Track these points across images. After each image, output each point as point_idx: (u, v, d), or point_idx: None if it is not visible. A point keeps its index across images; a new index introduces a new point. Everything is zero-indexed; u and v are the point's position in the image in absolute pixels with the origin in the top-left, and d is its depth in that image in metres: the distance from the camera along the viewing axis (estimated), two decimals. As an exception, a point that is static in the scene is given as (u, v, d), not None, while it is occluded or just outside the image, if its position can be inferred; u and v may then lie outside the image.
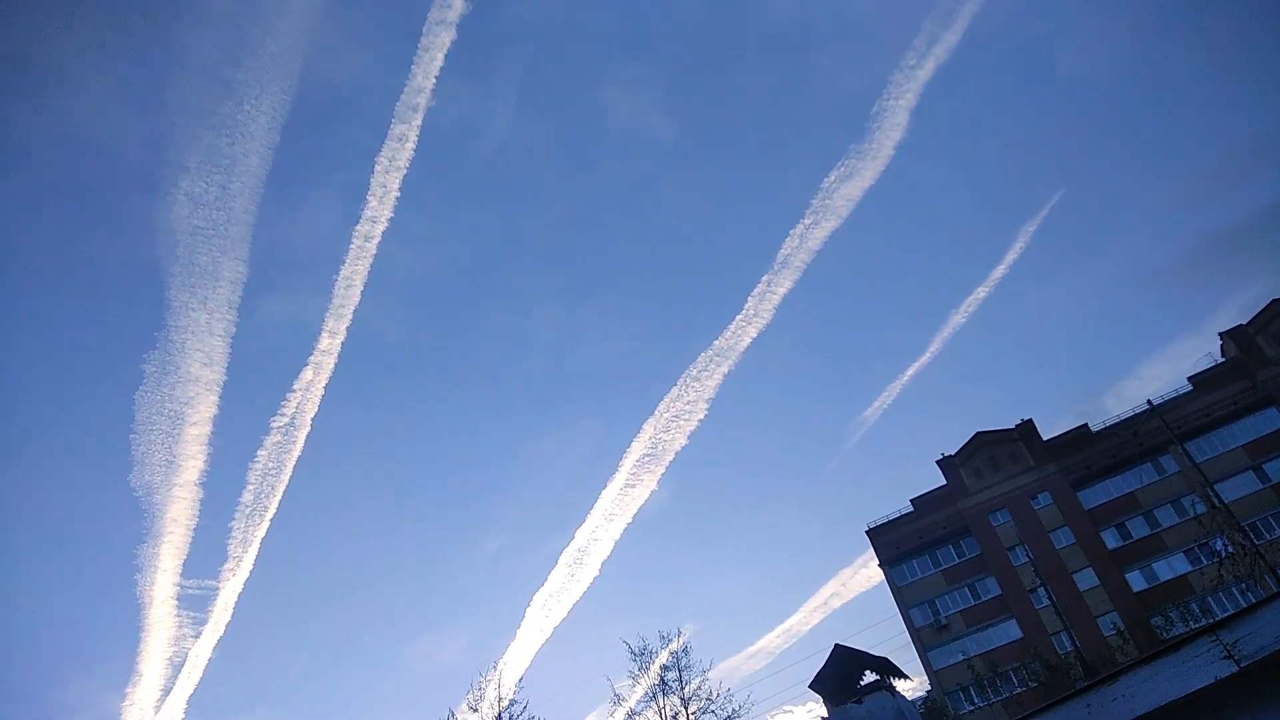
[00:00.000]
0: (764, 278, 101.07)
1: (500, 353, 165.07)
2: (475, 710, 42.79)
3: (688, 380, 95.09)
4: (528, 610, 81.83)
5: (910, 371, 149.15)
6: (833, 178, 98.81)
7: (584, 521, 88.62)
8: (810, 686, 21.99)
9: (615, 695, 43.91)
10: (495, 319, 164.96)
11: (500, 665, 45.63)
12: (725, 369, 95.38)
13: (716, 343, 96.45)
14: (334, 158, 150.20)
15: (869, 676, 23.27)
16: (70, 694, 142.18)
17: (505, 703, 42.20)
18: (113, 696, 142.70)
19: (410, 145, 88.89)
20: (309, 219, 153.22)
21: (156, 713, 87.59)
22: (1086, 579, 61.50)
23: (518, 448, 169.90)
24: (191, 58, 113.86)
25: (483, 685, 43.88)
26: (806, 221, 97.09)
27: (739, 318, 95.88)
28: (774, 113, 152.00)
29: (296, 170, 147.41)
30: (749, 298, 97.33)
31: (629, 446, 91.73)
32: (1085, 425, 67.31)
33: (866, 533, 70.51)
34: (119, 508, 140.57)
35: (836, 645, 21.76)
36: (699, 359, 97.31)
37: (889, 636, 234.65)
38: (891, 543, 69.14)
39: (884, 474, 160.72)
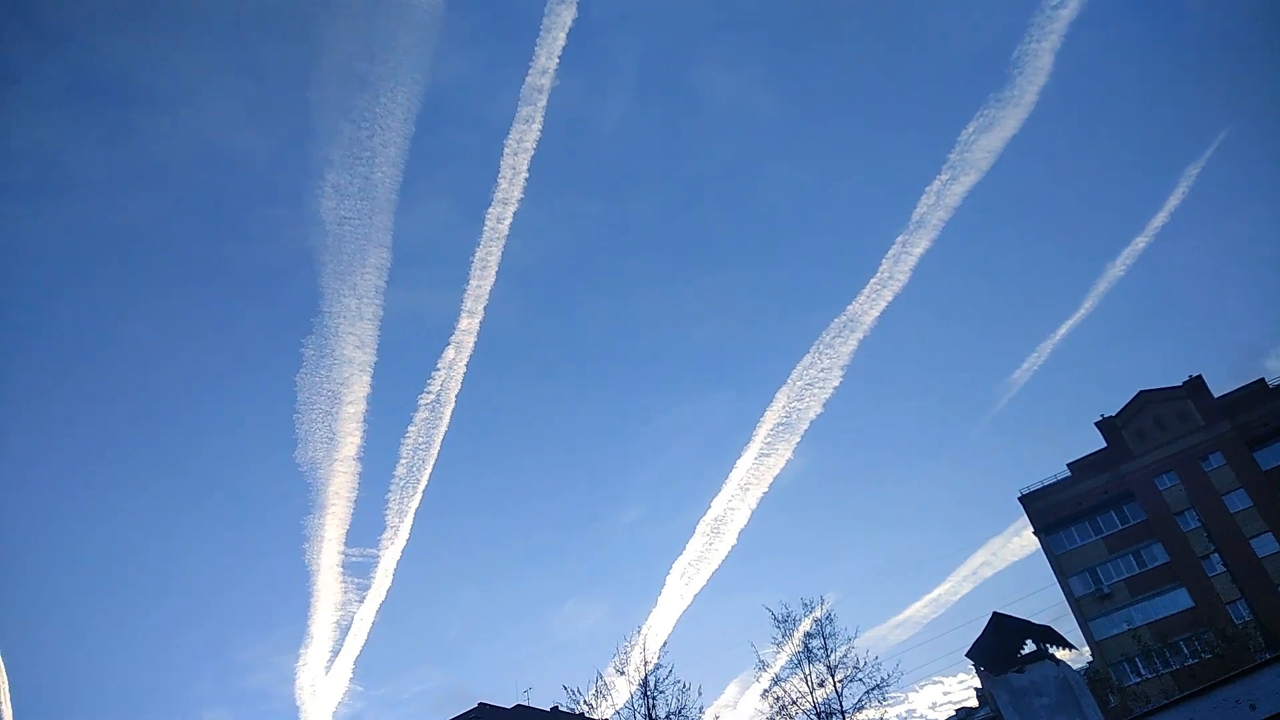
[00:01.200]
0: (898, 239, 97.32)
1: (623, 331, 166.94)
2: (622, 673, 43.81)
3: (820, 348, 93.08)
4: (667, 578, 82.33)
5: (1063, 330, 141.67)
6: (971, 129, 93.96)
7: (719, 491, 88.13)
8: (968, 655, 21.49)
9: (760, 661, 44.21)
10: (611, 300, 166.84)
11: (644, 631, 46.43)
12: (860, 334, 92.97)
13: (850, 308, 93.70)
14: (462, 145, 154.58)
15: (1030, 646, 22.55)
16: (251, 656, 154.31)
17: (650, 666, 43.11)
18: (288, 658, 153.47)
19: (536, 126, 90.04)
20: (443, 204, 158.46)
21: (327, 673, 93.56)
22: (1266, 544, 57.50)
23: (651, 421, 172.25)
24: (329, 56, 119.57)
25: (628, 650, 44.93)
26: (943, 177, 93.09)
27: (873, 281, 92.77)
28: (893, 72, 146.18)
29: (429, 158, 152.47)
30: (883, 260, 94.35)
31: (762, 416, 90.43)
32: (1261, 381, 62.67)
33: (1020, 499, 67.99)
34: (287, 483, 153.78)
35: (995, 613, 21.13)
36: (832, 325, 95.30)
37: (1045, 606, 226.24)
38: (1047, 509, 66.42)
39: (1036, 439, 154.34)
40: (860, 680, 39.44)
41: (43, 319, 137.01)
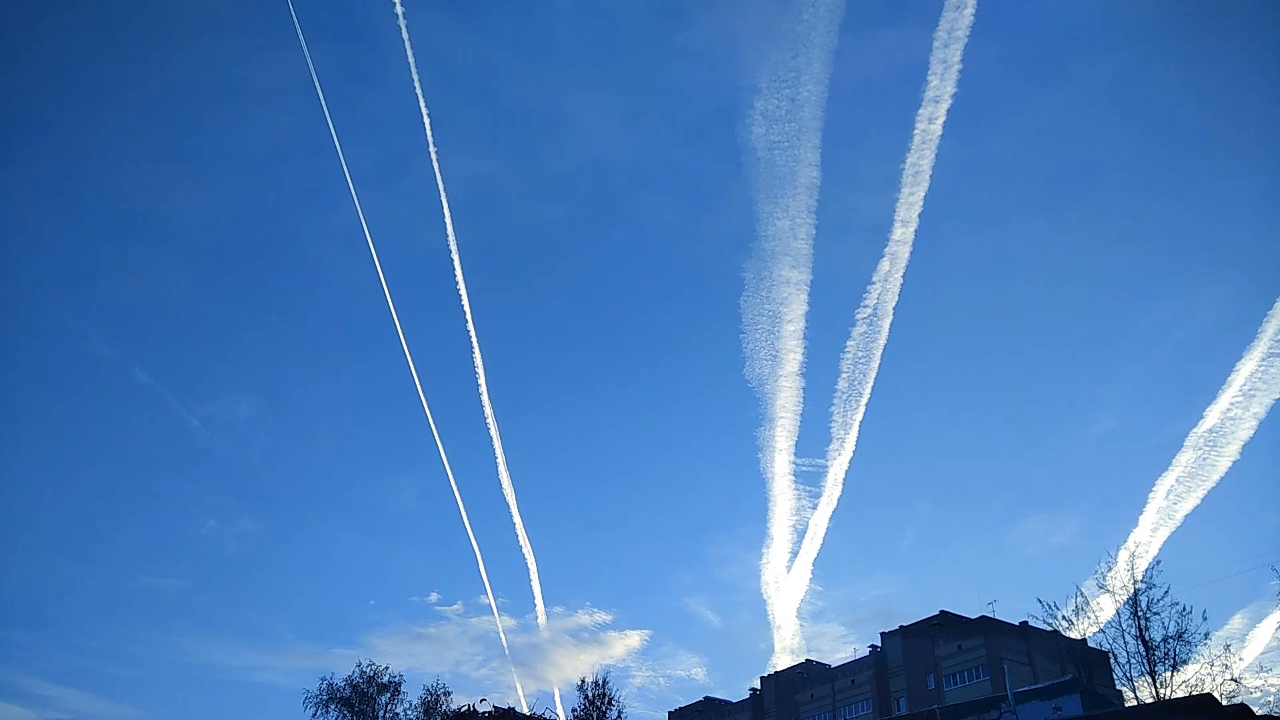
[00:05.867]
0: None
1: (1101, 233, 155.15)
2: (1104, 589, 43.60)
3: (1351, 216, 78.06)
4: (1150, 496, 75.03)
5: None
6: None
7: (1215, 399, 76.78)
8: None
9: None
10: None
11: (1129, 550, 45.44)
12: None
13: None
14: (889, 45, 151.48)
15: None
16: (722, 551, 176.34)
17: (1140, 585, 42.19)
18: (752, 555, 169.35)
19: (969, 13, 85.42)
20: (872, 111, 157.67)
21: (788, 572, 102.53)
22: None
23: (1122, 323, 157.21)
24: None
25: (1108, 568, 44.30)
26: None
27: None
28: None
29: (854, 68, 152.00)
30: None
31: (1271, 309, 76.18)
32: None
33: None
34: (739, 398, 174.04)
35: None
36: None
37: None
38: None
39: None
40: None
41: (501, 310, 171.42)
